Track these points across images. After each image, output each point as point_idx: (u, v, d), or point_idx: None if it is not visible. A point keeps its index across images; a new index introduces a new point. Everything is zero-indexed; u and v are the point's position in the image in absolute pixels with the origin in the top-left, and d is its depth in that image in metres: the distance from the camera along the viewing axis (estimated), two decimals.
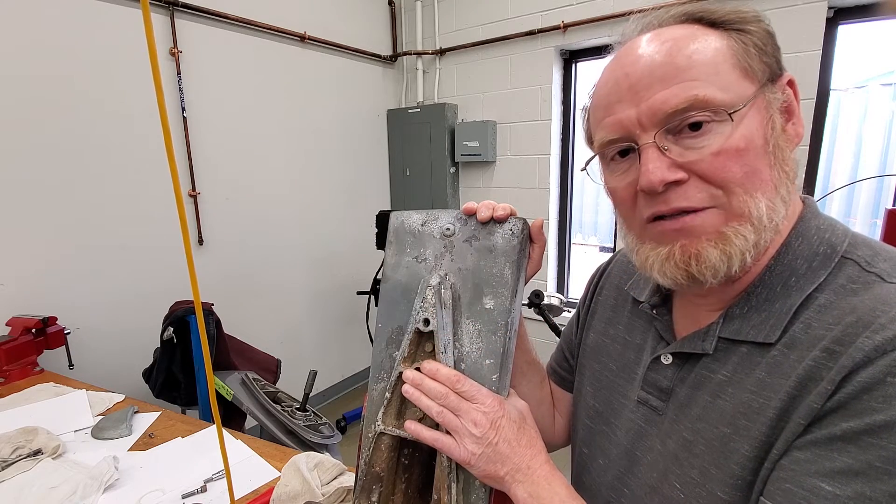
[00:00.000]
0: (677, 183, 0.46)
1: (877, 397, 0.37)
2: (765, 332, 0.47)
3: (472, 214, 0.59)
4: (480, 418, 0.51)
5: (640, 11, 0.52)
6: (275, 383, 1.98)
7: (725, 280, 0.48)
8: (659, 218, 0.48)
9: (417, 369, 0.55)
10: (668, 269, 0.48)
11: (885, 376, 0.37)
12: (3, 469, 1.06)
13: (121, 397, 1.46)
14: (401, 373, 0.56)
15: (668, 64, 0.45)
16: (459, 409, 0.51)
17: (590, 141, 0.56)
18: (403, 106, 3.45)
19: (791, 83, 0.49)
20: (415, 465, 0.61)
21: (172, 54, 2.18)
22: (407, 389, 0.54)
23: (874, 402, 0.37)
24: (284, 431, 1.58)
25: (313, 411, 1.71)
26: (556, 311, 2.07)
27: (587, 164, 0.56)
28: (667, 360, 0.55)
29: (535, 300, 2.00)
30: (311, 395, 1.71)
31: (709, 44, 0.46)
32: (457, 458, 0.52)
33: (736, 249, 0.45)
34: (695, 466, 0.48)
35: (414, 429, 0.54)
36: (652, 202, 0.48)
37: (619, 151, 0.51)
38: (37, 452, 1.12)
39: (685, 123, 0.45)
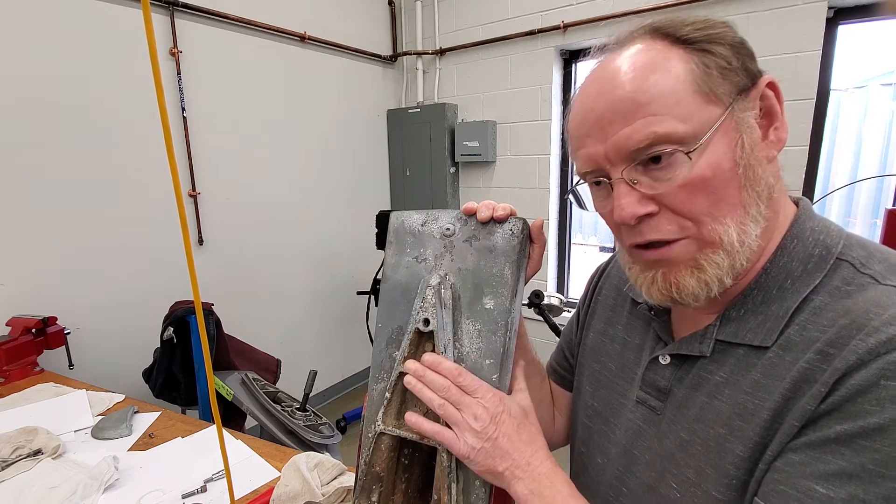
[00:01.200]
0: (649, 215, 0.47)
1: (870, 400, 0.38)
2: (761, 335, 0.47)
3: (472, 214, 0.59)
4: (481, 412, 0.51)
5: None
6: (275, 383, 1.98)
7: (709, 300, 0.49)
8: (640, 246, 0.50)
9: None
10: (654, 293, 0.51)
11: (879, 379, 0.37)
12: (3, 469, 1.06)
13: (121, 397, 1.46)
14: (401, 373, 0.56)
15: (628, 100, 0.45)
16: (461, 403, 0.51)
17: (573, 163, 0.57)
18: (403, 106, 3.46)
19: (771, 85, 0.48)
20: (415, 465, 0.61)
21: (172, 54, 2.18)
22: (409, 380, 0.54)
23: (867, 405, 0.38)
24: (284, 431, 1.58)
25: (313, 411, 1.71)
26: (556, 311, 2.07)
27: (573, 187, 0.57)
28: (665, 360, 0.55)
29: (535, 300, 2.00)
30: (311, 395, 1.71)
31: (669, 72, 0.45)
32: (456, 452, 0.51)
33: (712, 276, 0.47)
34: (691, 466, 0.49)
35: (415, 421, 0.54)
36: (629, 232, 0.50)
37: (595, 181, 0.52)
38: (37, 452, 1.12)
39: (648, 157, 0.46)
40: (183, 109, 2.24)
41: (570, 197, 0.58)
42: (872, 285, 0.43)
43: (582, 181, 0.56)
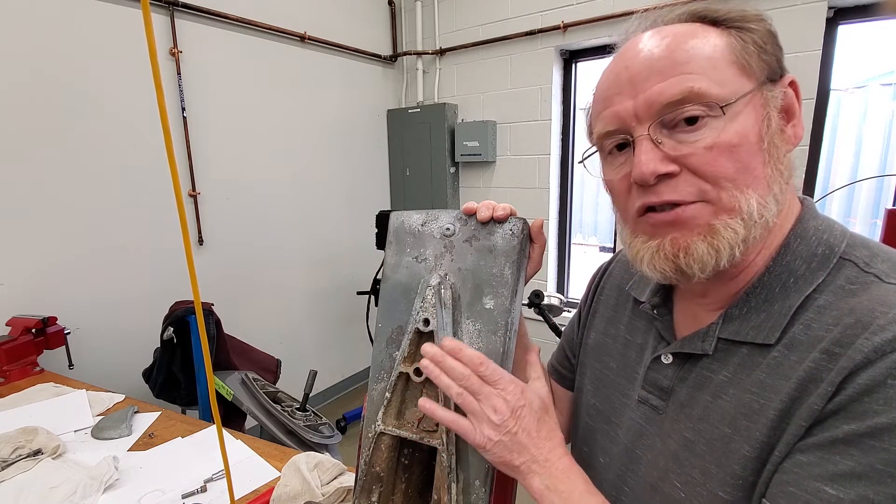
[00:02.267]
0: (669, 175, 0.46)
1: (877, 399, 0.38)
2: (764, 333, 0.47)
3: (472, 214, 0.59)
4: (501, 405, 0.49)
5: (643, 11, 0.52)
6: (275, 383, 1.98)
7: (715, 276, 0.48)
8: (650, 210, 0.49)
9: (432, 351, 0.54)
10: (657, 262, 0.49)
11: (886, 378, 0.37)
12: (3, 469, 1.06)
13: (121, 397, 1.46)
14: (401, 373, 0.56)
15: (666, 58, 0.46)
16: (480, 393, 0.50)
17: (590, 134, 0.56)
18: (403, 106, 3.46)
19: (793, 84, 0.50)
20: (415, 465, 0.61)
21: (172, 54, 2.18)
22: (426, 365, 0.52)
23: (875, 405, 0.38)
24: (284, 431, 1.58)
25: (313, 411, 1.71)
26: (556, 311, 2.07)
27: (585, 156, 0.56)
28: (667, 359, 0.55)
29: (535, 300, 2.00)
30: (311, 395, 1.71)
31: (708, 40, 0.46)
32: (472, 441, 0.50)
33: (724, 243, 0.45)
34: (696, 466, 0.49)
35: (429, 407, 0.52)
36: (643, 193, 0.48)
37: (616, 146, 0.51)
38: (37, 452, 1.12)
39: (680, 118, 0.46)
40: (183, 109, 2.24)
41: (585, 163, 0.57)
42: (876, 284, 0.43)
43: (593, 149, 0.55)
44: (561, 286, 3.17)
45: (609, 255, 0.78)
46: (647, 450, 0.55)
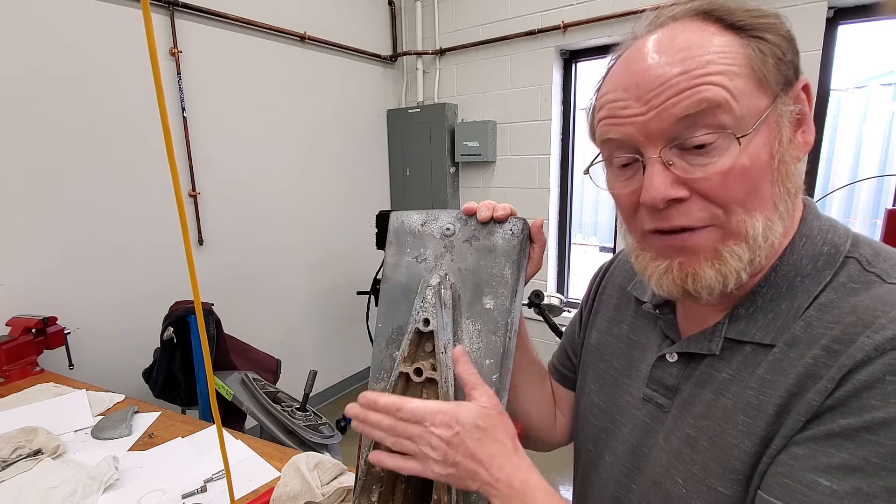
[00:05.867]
0: (679, 200, 0.45)
1: (875, 395, 0.38)
2: (771, 334, 0.47)
3: (472, 214, 0.59)
4: (435, 441, 0.48)
5: (647, 10, 0.50)
6: (275, 383, 1.98)
7: (721, 295, 0.48)
8: (659, 230, 0.48)
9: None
10: (666, 284, 0.49)
11: (885, 375, 0.38)
12: (3, 469, 1.06)
13: (121, 397, 1.46)
14: (401, 373, 0.56)
15: (680, 73, 0.43)
16: (412, 436, 0.49)
17: (592, 135, 0.54)
18: (403, 106, 3.45)
19: (806, 88, 0.47)
20: None
21: (172, 54, 2.18)
22: (355, 425, 0.52)
23: (873, 400, 0.38)
24: (284, 431, 1.58)
25: (313, 411, 1.71)
26: (556, 311, 2.07)
27: (590, 165, 0.54)
28: (672, 358, 0.55)
29: (535, 300, 2.00)
30: (311, 395, 1.71)
31: (724, 51, 0.43)
32: (429, 478, 0.50)
33: (731, 269, 0.46)
34: (696, 462, 0.49)
35: (376, 459, 0.52)
36: (653, 217, 0.48)
37: (623, 161, 0.50)
38: (37, 452, 1.12)
39: (693, 143, 0.44)
40: (183, 109, 2.24)
41: (590, 173, 0.54)
42: (878, 283, 0.43)
43: (599, 159, 0.53)
44: (561, 286, 3.17)
45: (609, 255, 0.78)
46: (651, 447, 0.55)
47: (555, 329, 2.02)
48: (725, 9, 0.45)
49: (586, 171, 0.55)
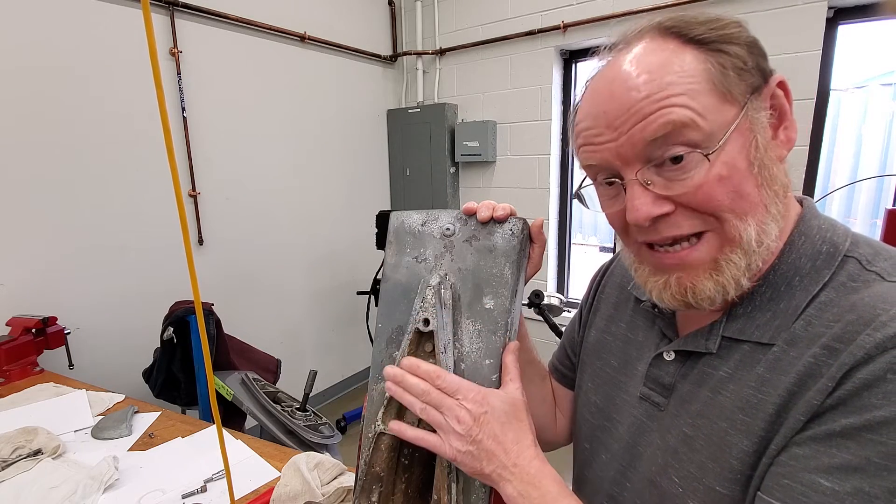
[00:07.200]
0: (665, 215, 0.46)
1: (877, 394, 0.38)
2: (770, 332, 0.47)
3: (472, 214, 0.59)
4: (463, 415, 0.49)
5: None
6: (275, 383, 1.98)
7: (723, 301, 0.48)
8: (652, 243, 0.49)
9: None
10: (665, 297, 0.50)
11: (886, 373, 0.38)
12: (3, 469, 1.06)
13: (121, 397, 1.46)
14: None
15: (644, 98, 0.44)
16: (442, 405, 0.50)
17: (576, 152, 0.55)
18: (403, 106, 3.45)
19: (782, 85, 0.48)
20: (415, 465, 0.61)
21: (172, 54, 2.18)
22: (389, 386, 0.53)
23: (874, 399, 0.38)
24: (284, 431, 1.58)
25: (313, 411, 1.71)
26: (556, 311, 2.07)
27: (578, 189, 0.56)
28: (669, 356, 0.55)
29: (535, 300, 2.00)
30: (311, 395, 1.71)
31: (685, 72, 0.44)
32: (443, 455, 0.51)
33: (729, 278, 0.46)
34: (693, 461, 0.49)
35: (397, 428, 0.53)
36: (643, 232, 0.49)
37: (605, 182, 0.51)
38: (37, 452, 1.12)
39: (666, 157, 0.45)
40: (183, 109, 2.24)
41: (577, 200, 0.57)
42: (878, 282, 0.43)
43: (587, 183, 0.55)
44: (561, 286, 3.17)
45: (609, 255, 0.78)
46: (647, 446, 0.55)
47: (555, 329, 2.02)
48: (685, 24, 0.46)
49: (576, 195, 0.57)
